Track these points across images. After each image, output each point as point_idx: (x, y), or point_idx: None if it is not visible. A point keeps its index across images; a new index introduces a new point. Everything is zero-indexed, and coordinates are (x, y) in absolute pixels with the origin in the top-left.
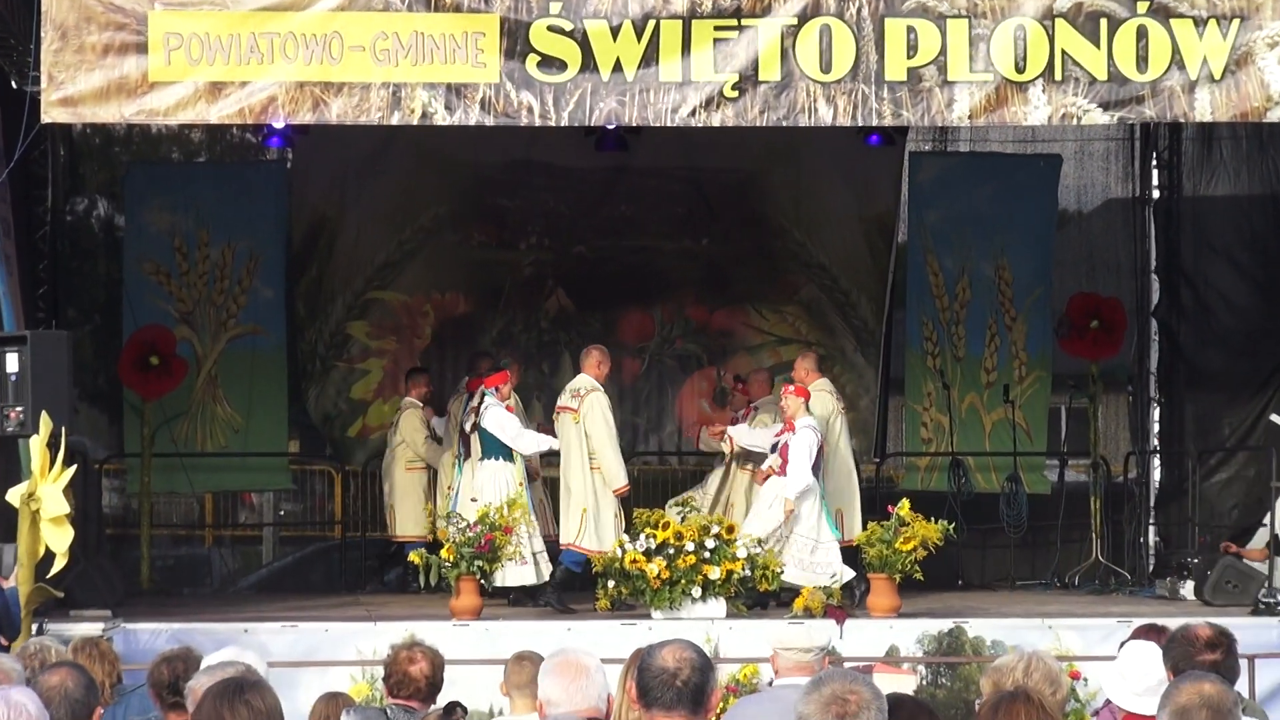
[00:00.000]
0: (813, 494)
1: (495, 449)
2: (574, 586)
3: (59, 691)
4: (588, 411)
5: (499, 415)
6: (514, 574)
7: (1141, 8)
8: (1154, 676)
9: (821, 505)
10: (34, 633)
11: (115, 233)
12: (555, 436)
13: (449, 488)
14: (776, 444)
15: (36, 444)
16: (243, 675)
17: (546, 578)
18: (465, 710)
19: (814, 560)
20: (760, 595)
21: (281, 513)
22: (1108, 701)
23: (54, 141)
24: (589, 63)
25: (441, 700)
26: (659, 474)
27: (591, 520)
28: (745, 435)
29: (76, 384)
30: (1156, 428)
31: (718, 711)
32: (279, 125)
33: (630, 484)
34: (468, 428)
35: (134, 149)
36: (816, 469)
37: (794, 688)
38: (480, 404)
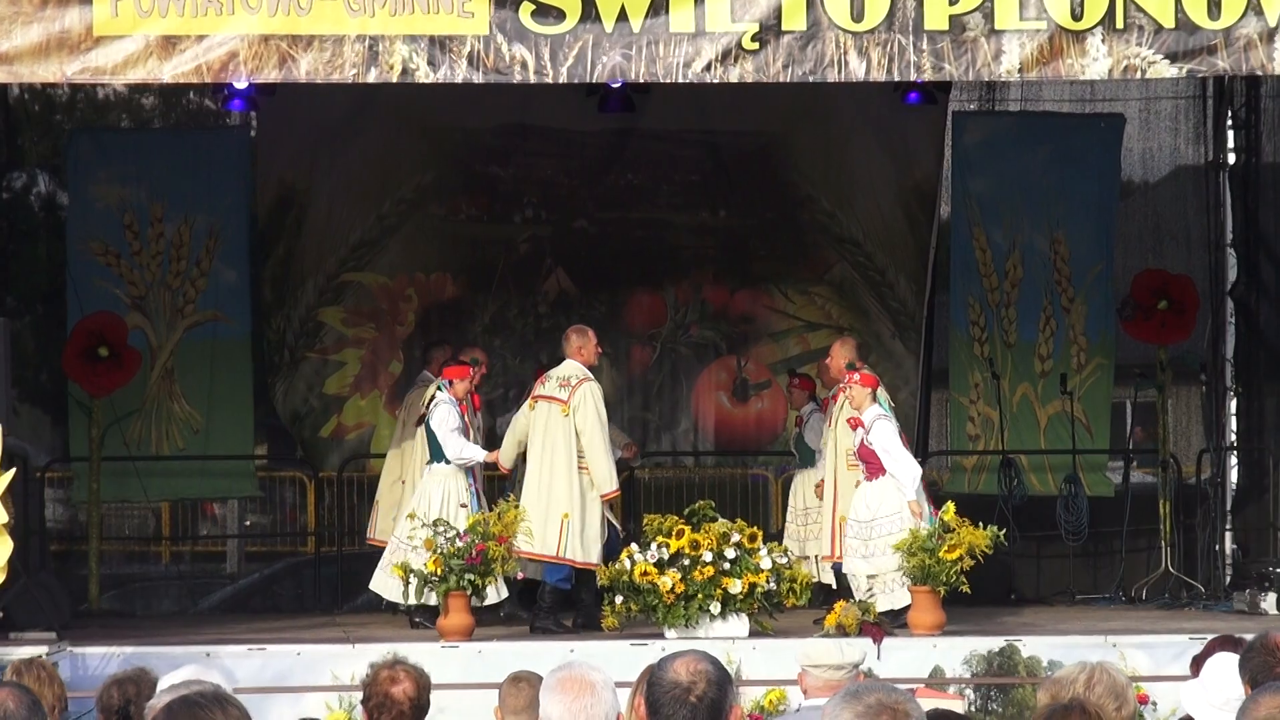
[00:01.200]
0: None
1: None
2: (563, 606)
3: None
4: (579, 404)
5: (445, 413)
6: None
7: None
8: (1236, 689)
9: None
10: None
11: (58, 211)
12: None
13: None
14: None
15: None
16: (206, 690)
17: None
18: None
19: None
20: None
21: (247, 523)
22: (1183, 717)
23: None
24: (590, 11)
25: (433, 713)
26: (673, 478)
27: (576, 528)
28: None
29: (16, 381)
30: (1234, 422)
31: (747, 712)
32: (241, 85)
33: (620, 489)
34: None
35: (78, 117)
36: None
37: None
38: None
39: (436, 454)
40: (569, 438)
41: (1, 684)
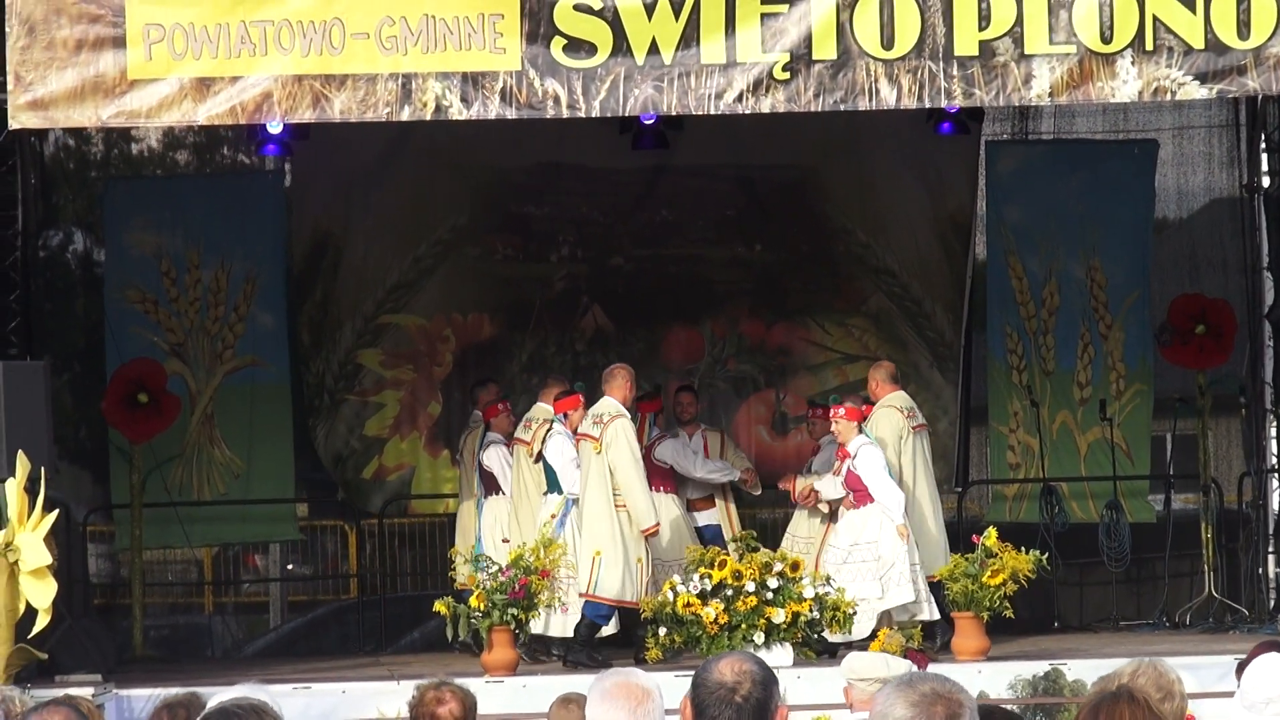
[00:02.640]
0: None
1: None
2: (606, 644)
3: None
4: (612, 441)
5: (561, 445)
6: (557, 623)
7: None
8: (1275, 688)
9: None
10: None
11: (94, 268)
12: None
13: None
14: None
15: (13, 488)
16: (244, 702)
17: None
18: None
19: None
20: (829, 644)
21: (290, 566)
22: None
23: (24, 162)
24: (621, 45)
25: None
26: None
27: (611, 563)
28: (829, 487)
29: (55, 439)
30: (1274, 445)
31: None
32: (275, 128)
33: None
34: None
35: (112, 173)
36: None
37: None
38: (547, 431)
39: (553, 485)
40: (603, 475)
41: (58, 704)
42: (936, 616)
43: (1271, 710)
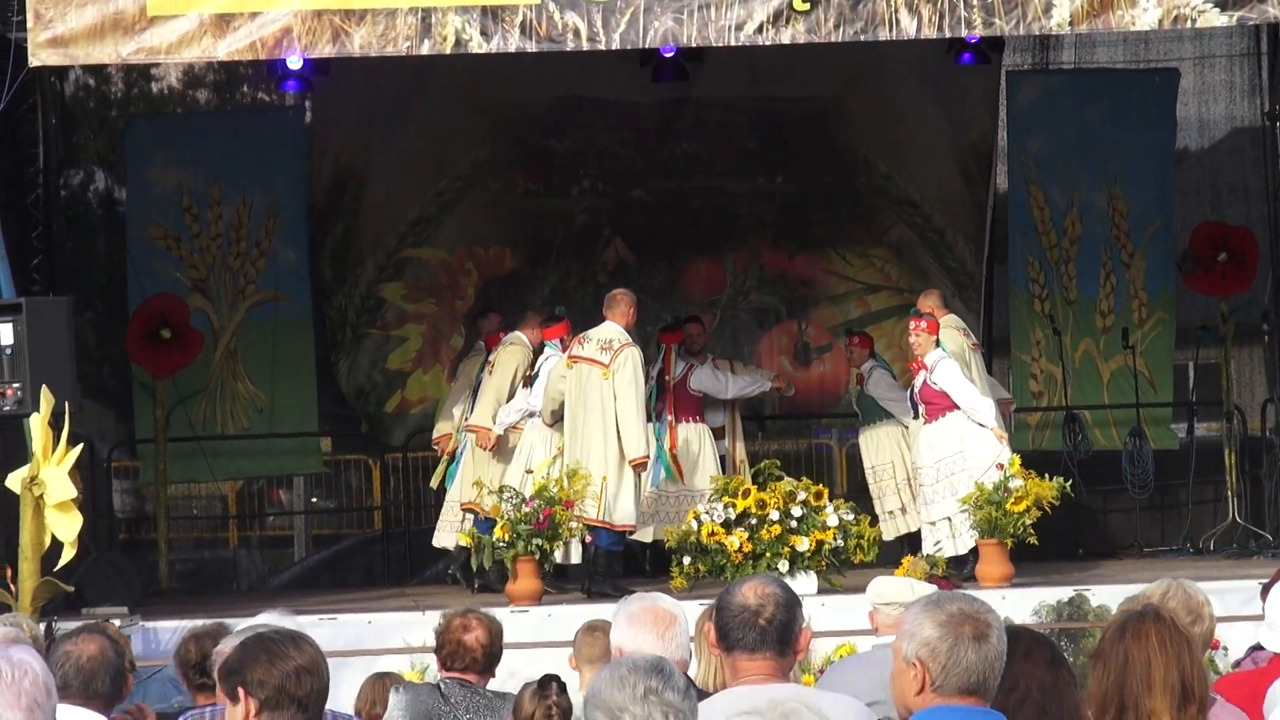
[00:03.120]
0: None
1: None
2: (621, 572)
3: (99, 662)
4: (619, 368)
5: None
6: (578, 552)
7: None
8: None
9: None
10: (43, 632)
11: (115, 207)
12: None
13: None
14: (911, 391)
15: (37, 423)
16: (281, 629)
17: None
18: (563, 686)
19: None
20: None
21: (314, 500)
22: (1251, 648)
23: (44, 101)
24: None
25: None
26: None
27: (613, 491)
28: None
29: (79, 378)
30: None
31: (817, 669)
32: (295, 63)
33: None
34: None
35: (133, 111)
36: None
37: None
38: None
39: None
40: (605, 401)
41: (91, 631)
42: (963, 551)
43: None
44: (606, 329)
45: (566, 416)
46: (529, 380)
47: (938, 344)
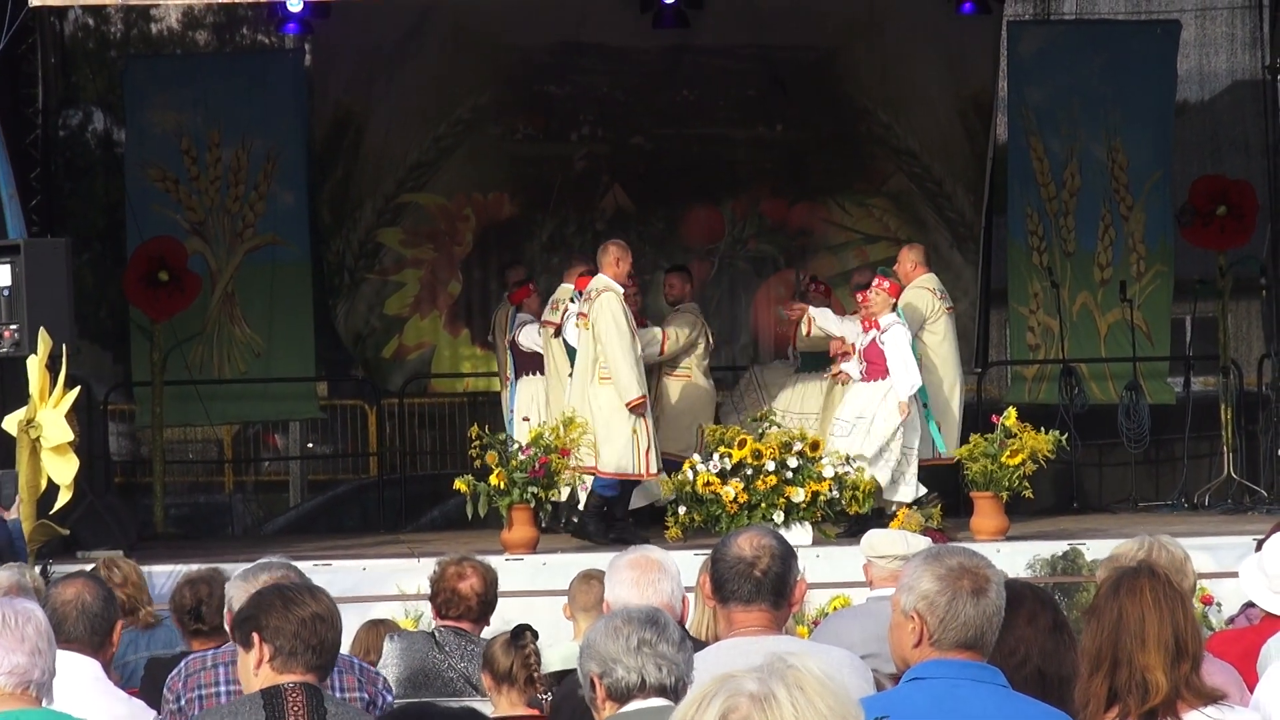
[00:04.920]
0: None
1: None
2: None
3: (75, 605)
4: (597, 314)
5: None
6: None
7: None
8: None
9: (927, 415)
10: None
11: (114, 148)
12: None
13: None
14: (857, 344)
15: (34, 365)
16: (295, 580)
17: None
18: (536, 635)
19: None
20: (851, 522)
21: (310, 445)
22: (1244, 605)
23: (44, 42)
24: None
25: (497, 623)
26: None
27: (605, 438)
28: (832, 321)
29: (76, 319)
30: None
31: (811, 620)
32: (295, 6)
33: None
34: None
35: (132, 54)
36: None
37: (890, 600)
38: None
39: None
40: (588, 349)
41: (75, 576)
42: (909, 499)
43: None
44: (594, 281)
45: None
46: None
47: (894, 308)
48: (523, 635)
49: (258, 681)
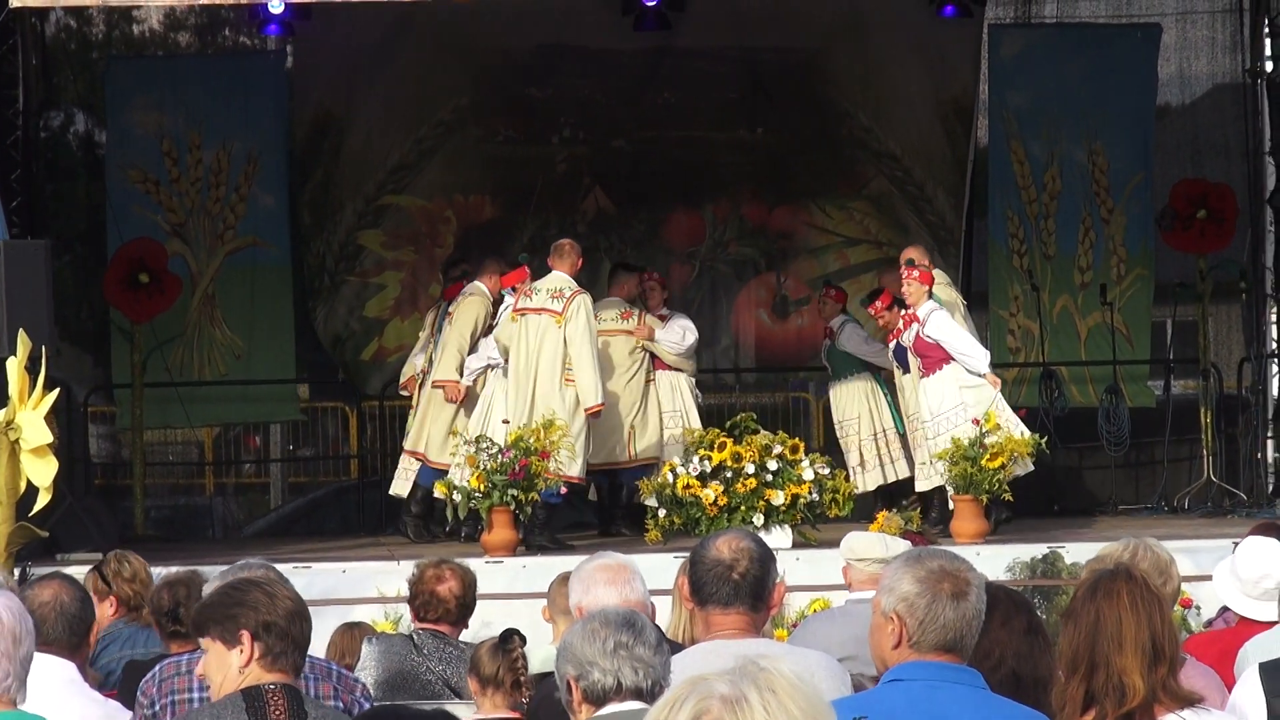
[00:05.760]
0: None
1: None
2: (564, 524)
3: (53, 607)
4: (573, 315)
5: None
6: None
7: None
8: (1275, 578)
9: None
10: (15, 577)
11: (95, 150)
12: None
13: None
14: (902, 347)
15: (14, 366)
16: (257, 574)
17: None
18: (524, 639)
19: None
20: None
21: (290, 448)
22: (1222, 609)
23: (25, 43)
24: None
25: (476, 626)
26: (714, 396)
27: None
28: (859, 340)
29: (56, 320)
30: (1274, 330)
31: (791, 623)
32: (277, 8)
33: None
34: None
35: (114, 54)
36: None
37: (869, 603)
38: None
39: None
40: (557, 349)
41: (52, 577)
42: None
43: (1263, 586)
44: (554, 278)
45: (510, 370)
46: (489, 330)
47: (930, 295)
48: (511, 639)
49: (240, 681)
